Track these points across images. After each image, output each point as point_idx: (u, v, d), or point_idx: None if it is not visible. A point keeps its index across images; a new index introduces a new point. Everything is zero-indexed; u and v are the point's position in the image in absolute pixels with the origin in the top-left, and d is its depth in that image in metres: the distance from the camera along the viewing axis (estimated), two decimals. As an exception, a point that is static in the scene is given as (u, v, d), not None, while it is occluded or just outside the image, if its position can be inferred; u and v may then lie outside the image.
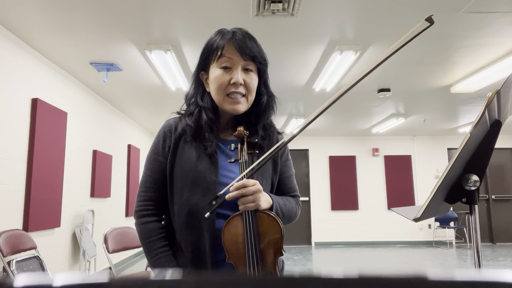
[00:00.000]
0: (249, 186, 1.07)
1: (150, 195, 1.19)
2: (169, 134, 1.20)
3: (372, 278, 0.26)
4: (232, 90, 1.13)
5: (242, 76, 1.14)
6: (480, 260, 0.99)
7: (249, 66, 1.15)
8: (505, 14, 3.23)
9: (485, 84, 4.86)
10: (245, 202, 1.07)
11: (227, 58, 1.13)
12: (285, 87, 5.18)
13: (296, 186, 1.34)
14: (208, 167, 1.15)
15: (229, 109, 1.16)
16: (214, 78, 1.15)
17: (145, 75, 4.69)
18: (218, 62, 1.14)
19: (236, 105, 1.15)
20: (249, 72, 1.16)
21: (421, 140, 9.14)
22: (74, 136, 4.77)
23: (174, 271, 1.14)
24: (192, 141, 1.18)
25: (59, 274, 0.28)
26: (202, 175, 1.13)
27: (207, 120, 1.17)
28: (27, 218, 3.67)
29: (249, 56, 1.14)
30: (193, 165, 1.15)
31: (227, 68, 1.14)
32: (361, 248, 8.40)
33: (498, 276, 0.26)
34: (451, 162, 0.90)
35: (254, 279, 0.27)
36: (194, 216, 1.11)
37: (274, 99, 1.25)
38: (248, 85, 1.15)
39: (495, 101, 0.90)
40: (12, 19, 3.30)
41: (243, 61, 1.14)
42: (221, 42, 1.14)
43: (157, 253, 1.15)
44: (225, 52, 1.13)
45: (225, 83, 1.13)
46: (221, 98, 1.15)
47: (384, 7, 3.14)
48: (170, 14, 3.22)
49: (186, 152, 1.17)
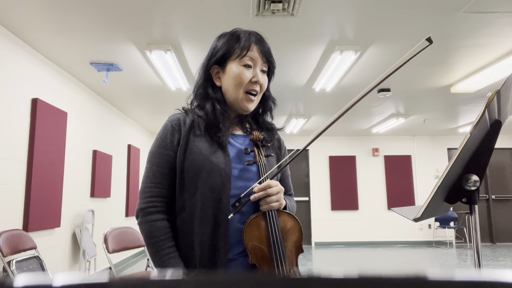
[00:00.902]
0: (273, 186, 1.10)
1: (159, 190, 1.14)
2: (177, 128, 1.18)
3: (372, 278, 0.26)
4: (252, 88, 1.18)
5: (261, 76, 1.19)
6: (480, 260, 0.99)
7: (265, 68, 1.22)
8: (505, 14, 3.23)
9: (485, 84, 4.86)
10: (269, 202, 1.09)
11: (251, 58, 1.18)
12: (285, 87, 5.18)
13: (291, 184, 1.39)
14: (222, 160, 1.14)
15: (243, 106, 1.19)
16: (235, 75, 1.17)
17: (145, 75, 4.69)
18: (241, 60, 1.18)
19: (251, 103, 1.20)
20: (264, 74, 1.22)
21: (421, 140, 9.14)
22: (74, 136, 4.77)
23: (178, 271, 1.13)
24: (203, 134, 1.18)
25: (59, 274, 0.28)
26: (216, 167, 1.12)
27: (221, 111, 1.19)
28: (27, 218, 3.67)
29: (267, 59, 1.21)
30: (206, 157, 1.14)
31: (249, 67, 1.18)
32: (361, 248, 8.40)
33: (498, 276, 0.26)
34: (451, 162, 0.90)
35: (254, 279, 0.27)
36: (208, 210, 1.10)
37: (274, 101, 1.31)
38: (262, 85, 1.21)
39: (495, 101, 0.90)
40: (12, 19, 3.30)
41: (262, 63, 1.20)
42: (247, 43, 1.19)
43: (166, 253, 1.10)
44: (250, 53, 1.18)
45: (246, 80, 1.17)
46: (239, 94, 1.18)
47: (384, 7, 3.14)
48: (170, 14, 3.22)
49: (197, 145, 1.16)
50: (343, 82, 4.97)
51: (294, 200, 1.38)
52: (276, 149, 1.31)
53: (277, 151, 1.31)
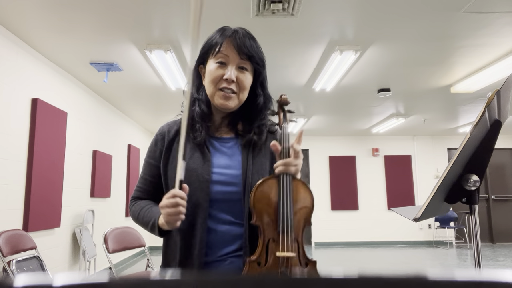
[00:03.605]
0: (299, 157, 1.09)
1: (142, 194, 1.25)
2: (160, 138, 1.24)
3: (372, 278, 0.26)
4: (224, 85, 1.14)
5: (235, 74, 1.14)
6: (480, 260, 0.99)
7: (245, 65, 1.16)
8: (505, 14, 3.23)
9: (485, 84, 4.86)
10: (288, 164, 1.06)
11: (224, 55, 1.15)
12: (285, 87, 5.18)
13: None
14: (200, 165, 1.14)
15: (218, 103, 1.16)
16: (209, 72, 1.16)
17: (145, 75, 4.69)
18: (215, 57, 1.16)
19: (226, 100, 1.15)
20: (244, 71, 1.17)
21: (421, 140, 9.14)
22: (74, 136, 4.77)
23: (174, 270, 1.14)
24: (187, 141, 1.17)
25: (59, 274, 0.28)
26: (194, 173, 1.13)
27: (199, 112, 1.19)
28: (27, 218, 3.67)
29: (246, 55, 1.15)
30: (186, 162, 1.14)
31: (223, 64, 1.15)
32: (361, 248, 8.40)
33: (498, 276, 0.26)
34: (451, 162, 0.90)
35: (254, 279, 0.27)
36: (187, 215, 1.05)
37: (270, 101, 1.26)
38: (241, 83, 1.15)
39: (495, 101, 0.90)
40: (12, 19, 3.30)
41: (239, 59, 1.15)
42: (220, 39, 1.16)
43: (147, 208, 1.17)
44: (223, 49, 1.15)
45: (218, 77, 1.14)
46: (212, 91, 1.16)
47: (384, 7, 3.14)
48: (170, 14, 3.22)
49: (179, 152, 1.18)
50: (343, 82, 4.97)
51: None
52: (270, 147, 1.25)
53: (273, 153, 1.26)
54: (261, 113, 1.23)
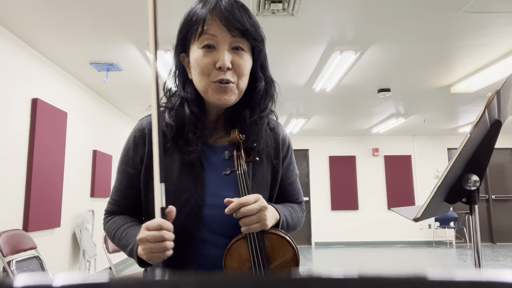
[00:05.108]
0: (250, 203, 0.84)
1: (117, 209, 1.00)
2: (141, 141, 0.97)
3: (372, 278, 0.26)
4: (219, 77, 0.87)
5: (230, 58, 0.88)
6: (480, 260, 0.99)
7: (240, 44, 0.89)
8: (505, 14, 3.23)
9: (485, 84, 4.86)
10: (248, 223, 0.85)
11: (210, 35, 0.88)
12: (285, 87, 5.18)
13: (301, 190, 1.14)
14: (192, 185, 0.92)
15: (215, 100, 0.89)
16: (195, 62, 0.90)
17: (145, 75, 4.70)
18: (199, 40, 0.89)
19: (224, 94, 0.89)
20: (240, 52, 0.90)
21: (421, 140, 9.14)
22: (74, 136, 4.77)
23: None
24: (174, 146, 0.94)
25: (59, 274, 0.28)
26: (182, 197, 0.90)
27: (190, 116, 0.93)
28: (27, 218, 3.67)
29: (239, 30, 0.87)
30: (173, 182, 0.91)
31: (211, 48, 0.88)
32: (361, 248, 8.40)
33: (498, 276, 0.26)
34: (451, 162, 0.90)
35: (254, 279, 0.27)
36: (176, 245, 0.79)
37: (274, 86, 1.01)
38: (239, 68, 0.89)
39: (495, 101, 0.90)
40: (12, 18, 3.30)
41: (231, 38, 0.88)
42: (202, 12, 0.89)
43: (126, 228, 0.94)
44: (208, 27, 0.88)
45: (208, 67, 0.88)
46: (205, 85, 0.89)
47: (384, 7, 3.14)
48: (170, 14, 3.22)
49: (166, 164, 0.91)
50: (343, 82, 4.97)
51: (303, 208, 1.13)
52: (270, 150, 1.02)
53: (272, 153, 1.02)
54: (263, 102, 0.99)
